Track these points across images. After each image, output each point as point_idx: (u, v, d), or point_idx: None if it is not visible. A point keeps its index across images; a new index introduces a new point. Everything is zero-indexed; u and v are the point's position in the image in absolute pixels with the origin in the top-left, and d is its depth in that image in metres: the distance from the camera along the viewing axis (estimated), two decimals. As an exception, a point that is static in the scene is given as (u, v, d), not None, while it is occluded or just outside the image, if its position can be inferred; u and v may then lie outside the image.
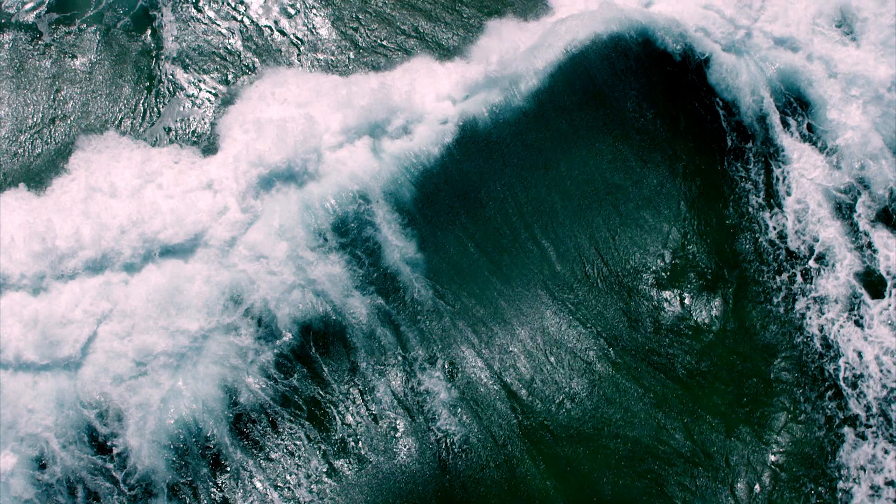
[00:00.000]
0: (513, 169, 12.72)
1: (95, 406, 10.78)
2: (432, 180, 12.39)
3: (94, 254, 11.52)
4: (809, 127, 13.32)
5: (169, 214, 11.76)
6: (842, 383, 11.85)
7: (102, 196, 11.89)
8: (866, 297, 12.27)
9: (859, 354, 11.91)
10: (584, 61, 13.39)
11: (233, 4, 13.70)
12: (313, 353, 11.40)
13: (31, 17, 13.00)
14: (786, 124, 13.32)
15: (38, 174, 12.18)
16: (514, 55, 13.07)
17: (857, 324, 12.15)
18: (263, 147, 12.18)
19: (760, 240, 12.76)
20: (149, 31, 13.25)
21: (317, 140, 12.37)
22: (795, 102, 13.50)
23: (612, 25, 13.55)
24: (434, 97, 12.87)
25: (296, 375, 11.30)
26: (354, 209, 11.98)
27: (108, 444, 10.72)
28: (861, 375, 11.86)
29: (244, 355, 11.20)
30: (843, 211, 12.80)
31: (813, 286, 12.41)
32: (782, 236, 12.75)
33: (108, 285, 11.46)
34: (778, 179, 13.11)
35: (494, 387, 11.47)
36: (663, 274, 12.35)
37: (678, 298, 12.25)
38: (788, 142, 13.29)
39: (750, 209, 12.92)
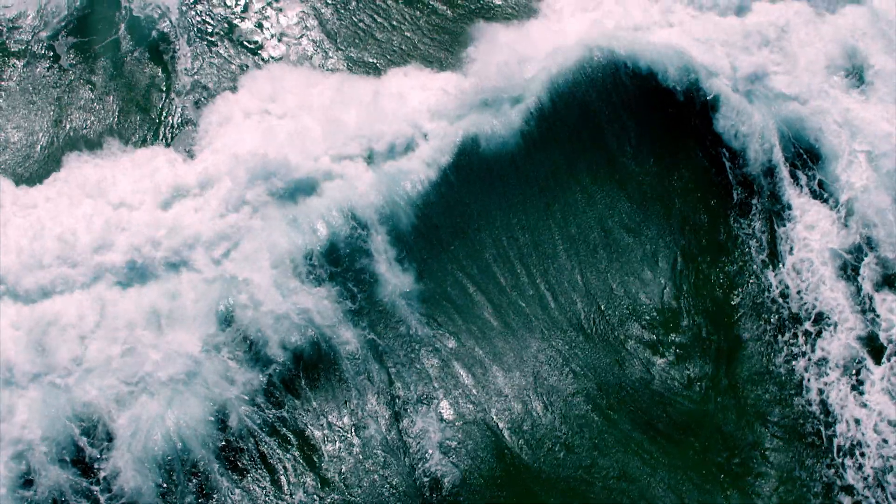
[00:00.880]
0: (513, 206, 12.82)
1: (84, 421, 10.90)
2: (431, 210, 12.52)
3: (85, 263, 11.65)
4: (820, 183, 13.12)
5: (162, 226, 11.90)
6: (835, 452, 11.59)
7: (95, 207, 12.04)
8: (868, 362, 12.03)
9: (857, 421, 11.65)
10: (577, 91, 13.46)
11: (246, 38, 13.96)
12: (303, 385, 11.46)
13: (49, 40, 13.39)
14: (794, 178, 13.20)
15: (34, 182, 12.40)
16: (508, 74, 13.13)
17: (857, 390, 11.93)
18: (257, 161, 12.25)
19: (762, 298, 12.65)
20: (162, 62, 13.62)
21: (312, 156, 12.50)
22: (805, 155, 13.38)
23: (605, 50, 13.53)
24: (427, 114, 12.94)
25: (285, 406, 11.35)
26: (348, 232, 12.09)
27: (95, 465, 10.81)
28: (858, 443, 11.58)
29: (233, 380, 11.31)
30: (848, 272, 12.60)
31: (813, 348, 12.21)
32: (784, 296, 12.62)
33: (98, 297, 11.56)
34: (783, 237, 12.98)
35: (487, 430, 11.43)
36: (659, 328, 12.29)
37: (673, 354, 12.17)
38: (796, 197, 13.14)
39: (753, 266, 12.82)
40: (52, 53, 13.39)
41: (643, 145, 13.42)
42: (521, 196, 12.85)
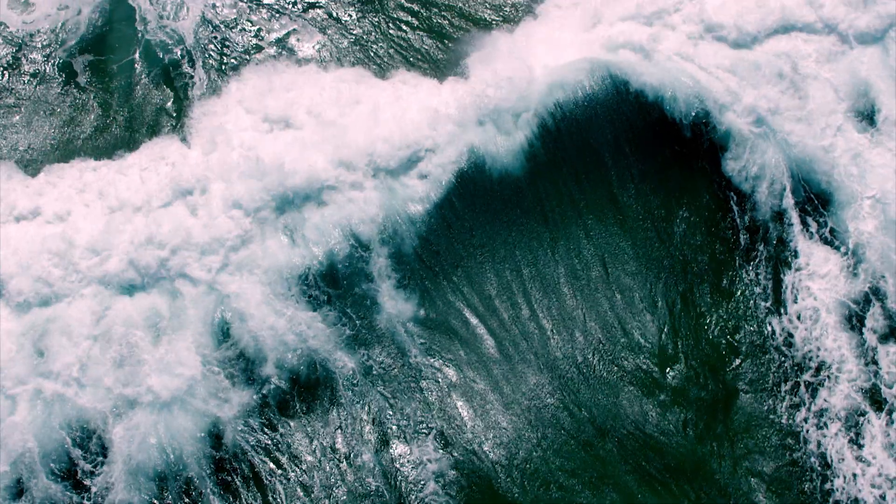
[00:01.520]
0: (517, 236, 12.85)
1: (77, 431, 11.08)
2: (434, 234, 12.60)
3: (84, 267, 11.79)
4: (830, 230, 12.90)
5: (160, 232, 11.96)
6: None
7: (96, 216, 12.22)
8: (869, 415, 11.87)
9: (854, 476, 11.46)
10: (580, 117, 13.39)
11: (261, 63, 14.12)
12: (297, 408, 11.57)
13: (67, 57, 13.70)
14: (804, 223, 13.00)
15: (41, 186, 12.54)
16: (509, 90, 13.09)
17: (856, 444, 11.74)
18: (252, 167, 12.31)
19: (763, 346, 12.54)
20: (174, 85, 13.80)
21: (315, 169, 12.48)
22: (816, 199, 13.16)
23: (608, 72, 13.37)
24: (430, 129, 12.88)
25: (279, 428, 11.44)
26: (348, 252, 12.19)
27: (86, 481, 10.94)
28: (856, 499, 11.42)
29: (228, 398, 11.44)
30: (853, 322, 12.43)
31: (813, 399, 12.07)
32: (788, 344, 12.49)
33: (96, 303, 11.67)
34: (788, 284, 12.80)
35: (482, 464, 11.48)
36: (656, 372, 12.29)
37: (670, 398, 12.16)
38: (804, 243, 12.96)
39: (756, 313, 12.68)
40: (68, 70, 13.69)
41: (647, 181, 13.37)
42: (525, 226, 12.93)
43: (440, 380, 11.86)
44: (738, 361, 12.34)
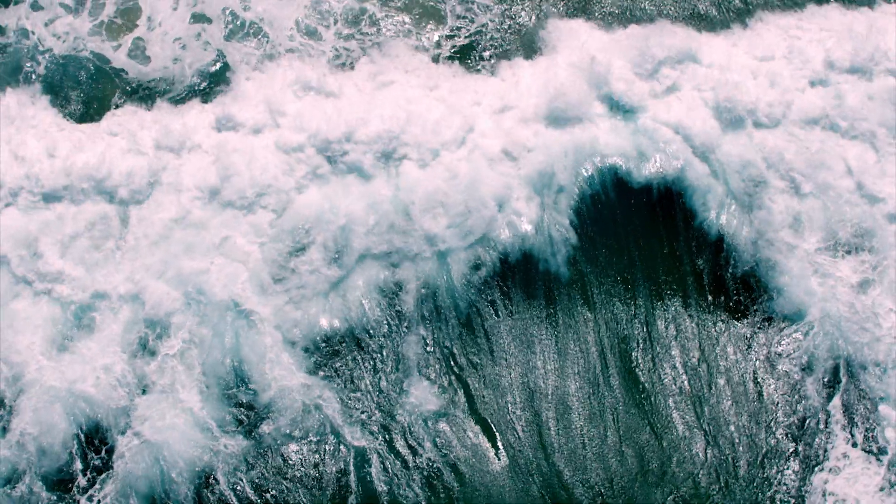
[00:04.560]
0: (547, 359, 13.07)
1: (82, 431, 11.73)
2: (474, 330, 12.94)
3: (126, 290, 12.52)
4: (879, 447, 12.47)
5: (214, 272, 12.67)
6: None
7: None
8: None
9: None
10: (624, 228, 13.64)
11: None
12: (297, 473, 11.90)
13: (175, 99, 14.54)
14: (851, 432, 12.57)
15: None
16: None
17: None
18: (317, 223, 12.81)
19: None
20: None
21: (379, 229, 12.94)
22: (869, 406, 12.74)
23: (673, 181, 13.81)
24: (495, 199, 13.14)
25: (270, 490, 11.78)
26: (389, 325, 12.70)
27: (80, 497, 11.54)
28: None
29: (227, 443, 11.85)
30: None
31: None
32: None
33: (129, 317, 12.34)
34: (817, 490, 12.37)
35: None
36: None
37: None
38: (843, 448, 12.59)
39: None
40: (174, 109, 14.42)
41: (682, 345, 13.33)
42: (555, 349, 13.15)
43: (446, 478, 12.10)
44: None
